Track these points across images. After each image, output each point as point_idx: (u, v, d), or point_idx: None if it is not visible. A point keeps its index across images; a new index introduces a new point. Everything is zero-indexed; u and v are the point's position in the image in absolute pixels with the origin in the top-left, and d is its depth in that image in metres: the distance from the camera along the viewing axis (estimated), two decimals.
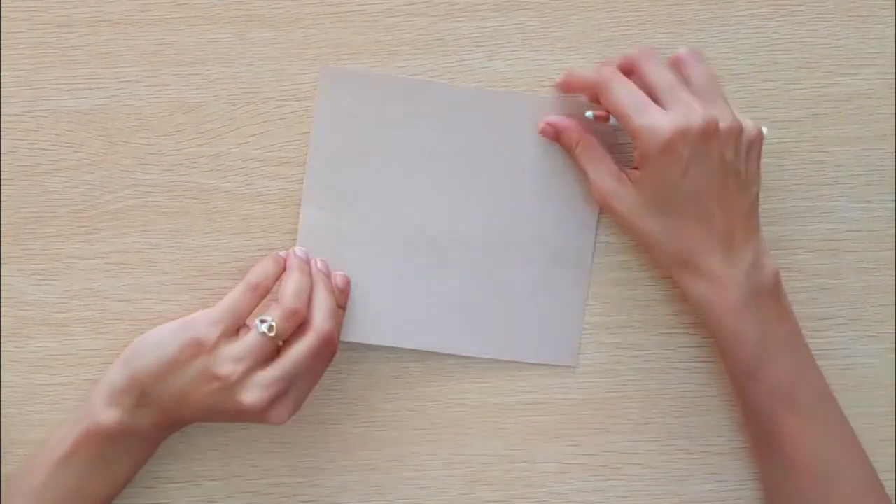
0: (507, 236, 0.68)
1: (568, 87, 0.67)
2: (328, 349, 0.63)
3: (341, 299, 0.66)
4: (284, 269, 0.65)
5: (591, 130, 0.67)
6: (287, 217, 0.68)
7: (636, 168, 0.65)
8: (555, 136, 0.67)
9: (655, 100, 0.63)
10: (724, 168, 0.63)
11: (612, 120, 0.66)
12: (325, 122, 0.68)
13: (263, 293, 0.64)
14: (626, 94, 0.63)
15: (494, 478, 0.69)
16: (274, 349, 0.62)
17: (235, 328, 0.63)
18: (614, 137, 0.68)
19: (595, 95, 0.65)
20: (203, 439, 0.68)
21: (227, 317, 0.63)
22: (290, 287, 0.63)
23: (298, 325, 0.63)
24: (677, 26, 0.69)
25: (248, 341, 0.62)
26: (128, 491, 0.65)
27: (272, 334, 0.62)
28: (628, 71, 0.65)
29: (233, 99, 0.68)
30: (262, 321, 0.62)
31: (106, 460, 0.63)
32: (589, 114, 0.66)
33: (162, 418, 0.63)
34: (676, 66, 0.65)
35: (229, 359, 0.61)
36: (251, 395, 0.61)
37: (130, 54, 0.68)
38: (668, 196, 0.63)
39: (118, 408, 0.62)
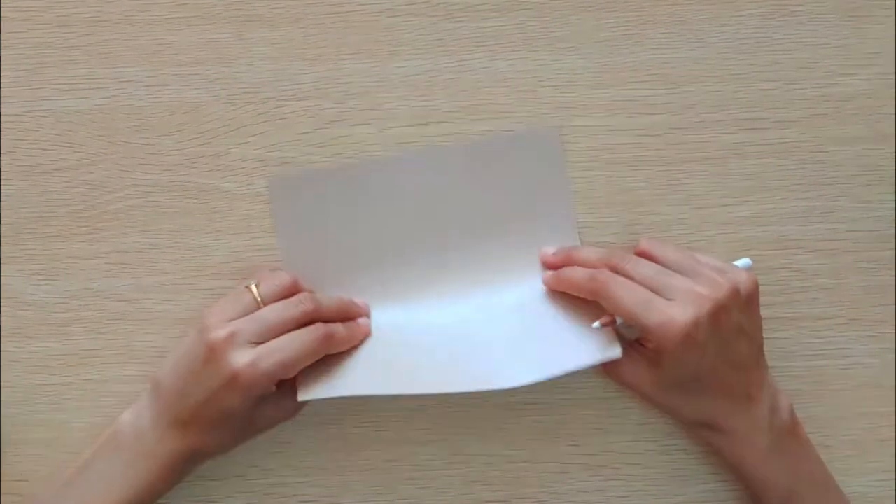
0: (497, 275, 0.68)
1: (560, 286, 0.66)
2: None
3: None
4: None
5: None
6: None
7: (644, 344, 0.66)
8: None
9: (652, 290, 0.63)
10: (734, 335, 0.63)
11: (619, 320, 0.64)
12: (287, 223, 0.67)
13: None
14: (626, 293, 0.62)
15: (494, 478, 0.69)
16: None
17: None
18: None
19: (588, 294, 0.64)
20: None
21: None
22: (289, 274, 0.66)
23: (283, 293, 0.64)
24: (677, 26, 0.69)
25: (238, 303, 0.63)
26: None
27: (254, 288, 0.63)
28: (614, 268, 0.64)
29: (233, 99, 0.68)
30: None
31: (115, 470, 0.62)
32: (596, 324, 0.64)
33: (161, 410, 0.62)
34: (646, 258, 0.64)
35: (218, 313, 0.62)
36: (216, 331, 0.61)
37: (130, 54, 0.68)
38: (689, 376, 0.64)
39: (132, 408, 0.64)
